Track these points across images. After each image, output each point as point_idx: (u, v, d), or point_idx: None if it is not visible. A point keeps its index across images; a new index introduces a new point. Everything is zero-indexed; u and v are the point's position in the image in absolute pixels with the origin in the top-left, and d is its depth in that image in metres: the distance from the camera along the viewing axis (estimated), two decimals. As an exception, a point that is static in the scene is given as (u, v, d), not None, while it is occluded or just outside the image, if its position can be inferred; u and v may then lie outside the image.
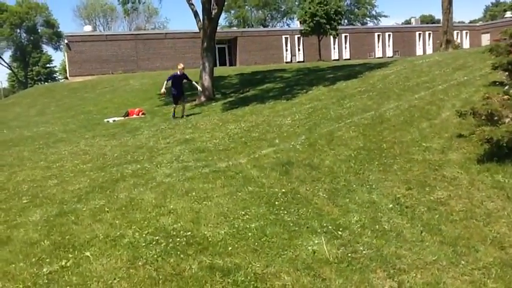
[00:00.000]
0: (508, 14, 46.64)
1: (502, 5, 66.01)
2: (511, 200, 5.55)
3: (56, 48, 64.80)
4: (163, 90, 14.32)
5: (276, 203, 5.42)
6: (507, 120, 7.24)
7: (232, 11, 62.79)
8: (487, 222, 4.96)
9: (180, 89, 14.20)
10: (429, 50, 40.85)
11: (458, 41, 37.91)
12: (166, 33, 37.97)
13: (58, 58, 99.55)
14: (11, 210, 6.14)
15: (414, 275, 3.80)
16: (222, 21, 62.52)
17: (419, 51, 42.55)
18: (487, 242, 4.50)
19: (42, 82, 60.31)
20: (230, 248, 4.21)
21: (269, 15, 65.02)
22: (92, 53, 34.10)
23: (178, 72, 14.05)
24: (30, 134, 15.14)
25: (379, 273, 3.81)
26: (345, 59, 38.91)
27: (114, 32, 52.71)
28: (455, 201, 5.50)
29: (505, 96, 8.03)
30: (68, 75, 36.12)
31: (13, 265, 4.25)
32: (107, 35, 38.65)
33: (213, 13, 17.55)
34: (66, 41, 35.55)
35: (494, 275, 3.88)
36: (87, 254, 4.30)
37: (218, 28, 20.44)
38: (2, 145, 12.92)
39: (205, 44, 17.93)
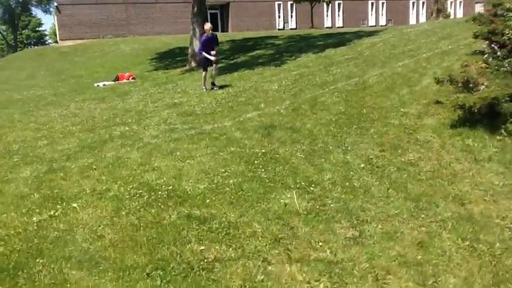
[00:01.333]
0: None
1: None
2: (478, 162, 5.89)
3: (46, 11, 63.47)
4: (210, 56, 11.30)
5: (255, 162, 5.71)
6: (482, 87, 7.51)
7: (226, -24, 61.60)
8: (452, 182, 5.30)
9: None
10: (422, 19, 40.68)
11: (451, 10, 37.76)
12: (157, -2, 37.47)
13: (48, 22, 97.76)
14: (2, 167, 6.39)
15: (375, 225, 4.14)
16: (215, -14, 61.24)
17: (412, 20, 42.32)
18: (449, 199, 4.83)
19: (32, 46, 59.45)
20: (208, 201, 4.52)
21: (263, -20, 63.85)
22: (82, 16, 33.61)
23: (208, 35, 11.53)
24: (21, 97, 15.20)
25: (343, 223, 4.14)
26: (338, 27, 38.67)
27: (105, -5, 51.68)
28: (425, 162, 5.83)
29: (483, 65, 8.28)
30: (58, 39, 35.70)
31: (5, 214, 4.54)
32: (97, -2, 38.07)
33: (204, -23, 17.44)
34: (55, 4, 35.00)
35: (450, 227, 4.23)
36: (75, 205, 4.59)
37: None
38: (-8, 107, 13.04)
39: (195, 9, 17.81)
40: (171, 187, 4.90)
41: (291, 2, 38.40)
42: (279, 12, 39.49)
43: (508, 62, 7.82)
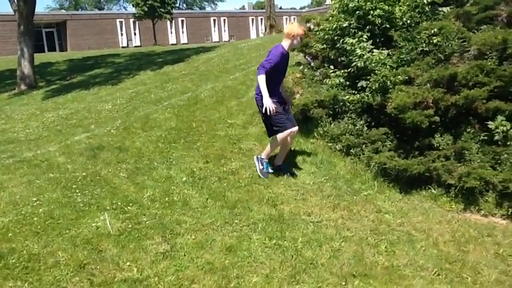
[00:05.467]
0: (328, 1, 51.46)
1: (326, -7, 72.32)
2: (294, 164, 6.37)
3: None
4: (271, 105, 5.30)
5: (74, 186, 5.44)
6: (297, 95, 8.20)
7: (63, -8, 58.45)
8: (268, 186, 5.64)
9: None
10: (262, 34, 43.26)
11: (285, 25, 40.74)
12: (-19, 16, 33.95)
13: None
14: None
15: (189, 237, 4.22)
16: (52, 2, 57.83)
17: (253, 35, 44.72)
18: (263, 202, 5.13)
19: None
20: (10, 235, 4.16)
21: (104, -3, 62.09)
22: None
23: (286, 47, 5.67)
24: None
25: (156, 239, 4.14)
26: (183, 43, 39.14)
27: None
28: (245, 170, 6.12)
29: (298, 75, 9.05)
30: None
31: None
32: None
33: (29, -7, 16.30)
34: None
35: (259, 228, 4.48)
36: None
37: (45, 10, 19.13)
38: None
39: (22, 27, 16.60)
40: (-32, 225, 4.42)
41: (133, 20, 37.87)
42: (121, 30, 38.61)
43: (319, 72, 8.62)
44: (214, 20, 43.91)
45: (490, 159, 5.67)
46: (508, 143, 5.73)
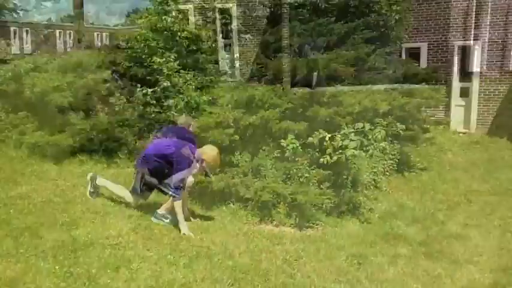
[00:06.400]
0: (140, 21, 50.93)
1: (140, 13, 71.97)
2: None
3: None
4: None
5: None
6: (102, 114, 7.88)
7: None
8: (64, 209, 5.23)
9: None
10: (69, 49, 40.61)
11: (99, 41, 39.10)
12: None
13: None
14: None
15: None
16: None
17: (60, 48, 41.68)
18: (56, 227, 4.72)
19: None
20: None
21: None
22: None
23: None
24: None
25: None
26: (-25, 54, 34.46)
27: None
28: (38, 193, 5.60)
29: (105, 93, 8.73)
30: None
31: None
32: None
33: None
34: None
35: (49, 256, 4.09)
36: None
37: None
38: None
39: None
40: None
41: None
42: None
43: (127, 90, 8.45)
44: (15, 31, 39.69)
45: (281, 174, 6.23)
46: (297, 159, 6.37)
